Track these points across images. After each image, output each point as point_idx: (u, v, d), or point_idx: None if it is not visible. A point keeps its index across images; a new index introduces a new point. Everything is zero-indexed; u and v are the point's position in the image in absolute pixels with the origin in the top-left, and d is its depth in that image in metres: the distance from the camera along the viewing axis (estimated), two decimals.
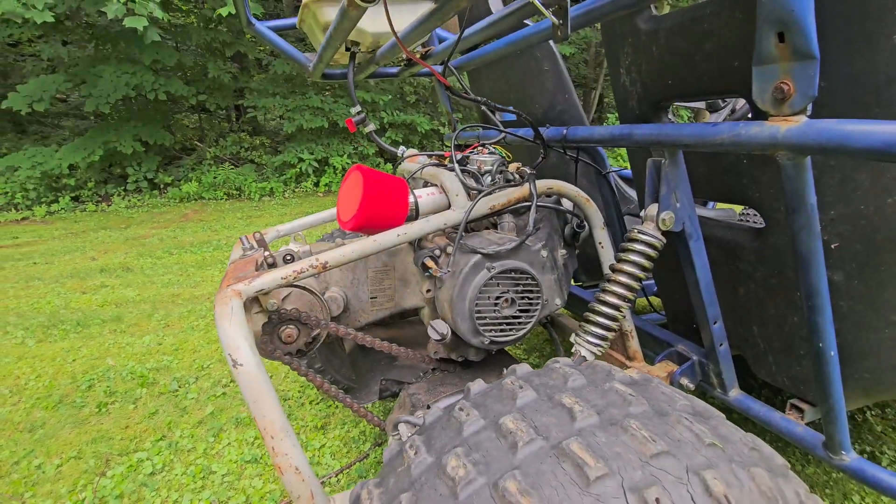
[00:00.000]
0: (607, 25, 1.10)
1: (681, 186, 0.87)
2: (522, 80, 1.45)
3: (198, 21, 7.66)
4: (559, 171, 1.47)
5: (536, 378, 0.66)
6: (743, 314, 1.02)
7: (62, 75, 6.76)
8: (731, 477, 0.50)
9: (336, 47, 1.00)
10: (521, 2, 0.81)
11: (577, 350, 0.95)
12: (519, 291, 1.00)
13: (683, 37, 0.88)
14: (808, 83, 0.59)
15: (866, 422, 1.56)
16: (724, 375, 1.02)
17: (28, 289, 3.53)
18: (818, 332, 0.75)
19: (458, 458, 0.54)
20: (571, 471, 0.49)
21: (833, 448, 0.85)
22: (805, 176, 0.65)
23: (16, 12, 4.82)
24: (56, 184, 6.84)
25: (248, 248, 1.03)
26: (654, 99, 1.02)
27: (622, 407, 0.57)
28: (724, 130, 0.70)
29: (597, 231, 1.09)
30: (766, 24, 0.59)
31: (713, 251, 1.01)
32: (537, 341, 2.24)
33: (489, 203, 1.00)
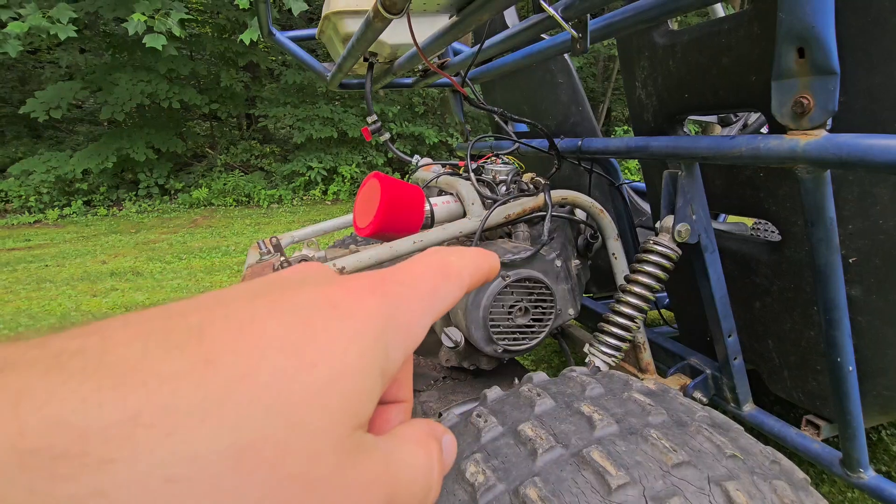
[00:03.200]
0: (623, 39, 1.12)
1: (697, 199, 0.87)
2: (537, 92, 1.47)
3: (212, 31, 7.81)
4: (572, 182, 1.48)
5: (553, 386, 0.66)
6: (758, 328, 1.01)
7: (79, 82, 6.89)
8: (753, 489, 0.49)
9: (357, 58, 1.02)
10: (540, 16, 0.83)
11: (592, 360, 0.95)
12: (533, 300, 1.00)
13: (701, 51, 0.89)
14: (829, 98, 0.59)
15: (881, 441, 1.54)
16: (738, 390, 1.01)
17: (39, 290, 3.57)
18: (836, 347, 0.74)
19: (477, 464, 0.55)
20: (592, 479, 0.49)
21: (851, 465, 0.84)
22: (824, 190, 0.65)
23: (42, 27, 4.95)
24: (69, 188, 6.94)
25: (264, 252, 1.05)
26: (669, 112, 1.03)
27: (641, 416, 0.57)
28: (743, 143, 0.71)
29: (610, 242, 1.09)
30: (786, 40, 0.60)
31: (728, 264, 1.01)
32: (546, 353, 2.23)
33: (504, 212, 1.00)
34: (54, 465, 0.11)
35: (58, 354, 0.13)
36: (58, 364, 0.13)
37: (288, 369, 0.15)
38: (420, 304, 0.20)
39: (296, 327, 0.16)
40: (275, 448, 0.14)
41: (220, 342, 0.15)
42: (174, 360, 0.14)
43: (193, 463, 0.13)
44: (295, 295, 0.17)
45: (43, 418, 0.12)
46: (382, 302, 0.18)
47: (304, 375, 0.15)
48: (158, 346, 0.14)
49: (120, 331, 0.14)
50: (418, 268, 0.21)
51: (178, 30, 5.51)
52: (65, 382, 0.12)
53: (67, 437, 0.12)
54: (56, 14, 5.01)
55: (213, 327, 0.15)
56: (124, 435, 0.12)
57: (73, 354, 0.13)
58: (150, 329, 0.15)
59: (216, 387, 0.14)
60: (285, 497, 0.14)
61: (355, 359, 0.16)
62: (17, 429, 0.11)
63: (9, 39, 4.94)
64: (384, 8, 0.69)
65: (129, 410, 0.12)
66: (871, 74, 0.70)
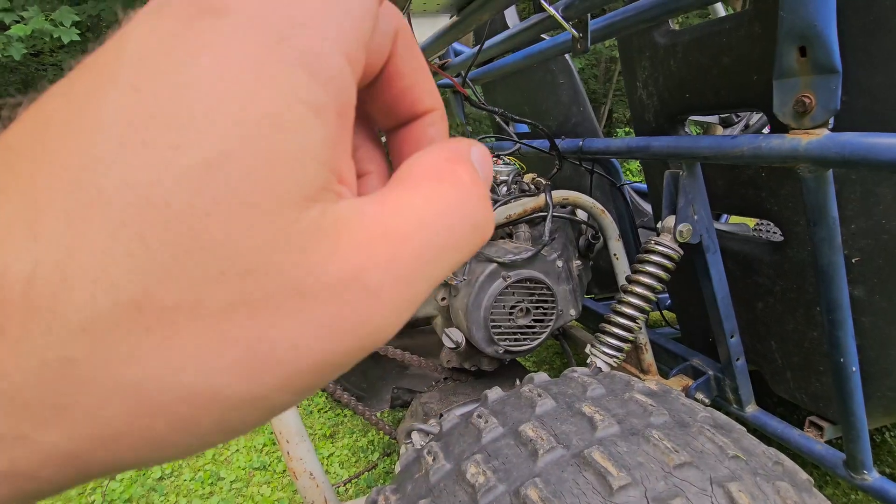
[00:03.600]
0: (624, 39, 1.12)
1: (699, 199, 0.87)
2: (538, 93, 1.47)
3: None
4: (573, 182, 1.48)
5: (555, 387, 0.66)
6: (760, 329, 1.01)
7: None
8: (756, 490, 0.49)
9: None
10: (541, 15, 0.83)
11: (593, 361, 0.94)
12: (534, 301, 0.99)
13: (702, 51, 0.89)
14: (830, 97, 0.59)
15: (885, 443, 1.53)
16: (740, 391, 1.01)
17: None
18: (839, 348, 0.74)
19: (477, 464, 0.54)
20: (594, 479, 0.48)
21: (854, 467, 0.84)
22: (827, 189, 0.65)
23: (45, 29, 4.96)
24: None
25: None
26: (671, 112, 1.03)
27: (643, 417, 0.57)
28: (745, 143, 0.70)
29: (612, 242, 1.09)
30: (787, 39, 0.60)
31: (730, 265, 1.00)
32: (547, 354, 2.22)
33: (505, 213, 1.00)
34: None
35: None
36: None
37: (148, 173, 0.10)
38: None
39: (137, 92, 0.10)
40: (181, 287, 0.10)
41: (26, 155, 0.10)
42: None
43: (85, 334, 0.10)
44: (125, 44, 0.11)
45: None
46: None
47: (175, 171, 0.10)
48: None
49: None
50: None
51: None
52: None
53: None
54: (58, 17, 5.03)
55: (23, 142, 0.11)
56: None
57: None
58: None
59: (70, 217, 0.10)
60: (239, 322, 0.11)
61: (245, 120, 0.10)
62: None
63: (12, 42, 4.96)
64: None
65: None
66: (872, 73, 0.70)
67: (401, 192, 0.13)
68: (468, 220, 0.14)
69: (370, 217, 0.12)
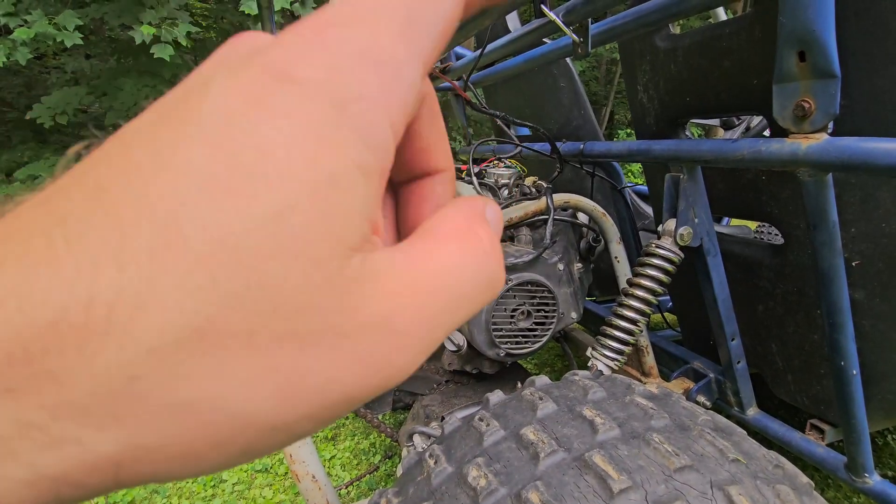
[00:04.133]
0: (625, 43, 1.12)
1: (699, 202, 0.87)
2: (539, 96, 1.47)
3: (216, 36, 7.86)
4: (574, 185, 1.48)
5: (556, 390, 0.66)
6: (761, 332, 1.01)
7: (84, 88, 6.94)
8: (756, 493, 0.49)
9: None
10: (542, 20, 0.83)
11: (594, 364, 0.95)
12: (535, 304, 1.00)
13: (702, 55, 0.89)
14: (830, 101, 0.59)
15: (887, 445, 1.53)
16: (741, 393, 1.01)
17: None
18: (840, 351, 0.74)
19: (479, 468, 0.55)
20: (595, 483, 0.49)
21: (855, 470, 0.84)
22: (827, 193, 0.65)
23: (48, 33, 4.99)
24: None
25: None
26: (671, 115, 1.03)
27: (644, 420, 0.57)
28: (745, 147, 0.71)
29: (613, 245, 1.09)
30: (787, 44, 0.60)
31: (731, 268, 1.00)
32: (548, 356, 2.22)
33: (506, 216, 1.00)
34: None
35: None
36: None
37: (217, 217, 0.11)
38: (390, 47, 0.13)
39: (213, 156, 0.12)
40: (240, 320, 0.11)
41: (121, 212, 0.11)
42: (73, 249, 0.11)
43: (150, 356, 0.11)
44: (203, 104, 0.12)
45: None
46: (322, 69, 0.13)
47: (244, 220, 0.11)
48: (51, 234, 0.11)
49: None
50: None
51: (185, 40, 5.56)
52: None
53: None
54: (62, 21, 5.06)
55: (113, 182, 0.12)
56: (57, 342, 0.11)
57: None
58: (58, 208, 0.12)
59: (145, 271, 0.11)
60: (284, 355, 0.12)
61: (306, 173, 0.12)
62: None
63: (17, 46, 4.99)
64: None
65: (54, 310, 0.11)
66: (872, 78, 0.70)
67: (427, 247, 0.15)
68: (484, 276, 0.15)
69: (400, 268, 0.14)
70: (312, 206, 0.12)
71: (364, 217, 0.13)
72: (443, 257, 0.15)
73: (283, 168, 0.12)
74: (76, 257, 0.11)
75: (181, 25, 5.55)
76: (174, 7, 5.72)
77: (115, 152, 0.12)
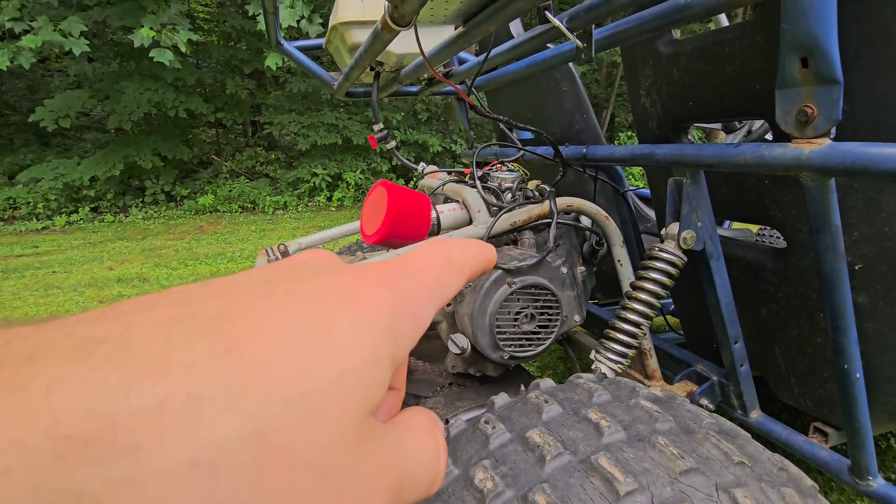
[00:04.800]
0: (627, 48, 1.13)
1: (702, 206, 0.88)
2: (541, 100, 1.48)
3: (218, 39, 7.89)
4: (577, 189, 1.49)
5: (561, 393, 0.66)
6: (764, 335, 1.01)
7: (87, 91, 6.97)
8: (762, 496, 0.50)
9: (364, 67, 1.04)
10: (545, 26, 0.84)
11: (598, 367, 0.95)
12: (539, 307, 1.00)
13: (705, 60, 0.90)
14: (832, 107, 0.60)
15: (891, 448, 1.53)
16: (744, 397, 1.01)
17: (47, 297, 3.60)
18: (843, 354, 0.75)
19: (485, 470, 0.55)
20: (601, 485, 0.49)
21: (859, 473, 0.84)
22: (829, 197, 0.66)
23: (55, 41, 5.02)
24: (76, 195, 7.00)
25: (272, 258, 1.06)
26: (674, 120, 1.04)
27: (649, 423, 0.58)
28: (748, 151, 0.71)
29: (615, 249, 1.10)
30: (789, 50, 0.61)
31: (734, 271, 1.01)
32: (551, 359, 2.23)
33: (510, 219, 1.01)
34: (86, 451, 0.12)
35: (83, 342, 0.13)
36: (85, 352, 0.13)
37: (305, 361, 0.15)
38: (426, 294, 0.21)
39: (311, 318, 0.16)
40: (293, 437, 0.15)
41: (240, 332, 0.15)
42: (197, 349, 0.14)
43: (217, 449, 0.13)
44: (308, 284, 0.18)
45: (74, 407, 0.12)
46: (391, 293, 0.19)
47: (321, 367, 0.16)
48: (181, 335, 0.14)
49: (142, 317, 0.15)
50: (424, 258, 0.22)
51: (184, 46, 5.58)
52: (93, 371, 0.13)
53: (98, 425, 0.12)
54: (67, 27, 5.08)
55: (232, 316, 0.15)
56: (151, 422, 0.13)
57: (99, 342, 0.13)
58: (172, 316, 0.15)
59: (237, 376, 0.14)
60: (302, 483, 0.15)
61: (368, 350, 0.17)
62: (51, 417, 0.12)
63: (22, 52, 5.01)
64: (393, 21, 0.71)
65: (156, 398, 0.13)
66: (875, 83, 0.71)
67: (405, 433, 0.21)
68: (434, 471, 0.21)
69: (390, 440, 0.19)
70: (366, 373, 0.17)
71: (382, 392, 0.18)
72: (414, 443, 0.20)
73: (356, 343, 0.17)
74: (186, 359, 0.14)
75: (182, 32, 5.58)
76: (175, 13, 5.74)
77: (228, 287, 0.18)
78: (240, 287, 0.17)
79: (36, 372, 0.12)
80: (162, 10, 5.68)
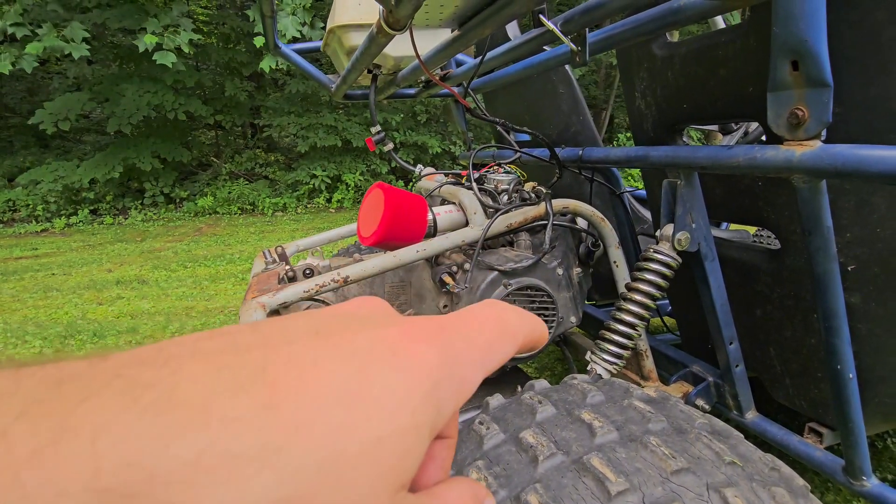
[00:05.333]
0: (623, 51, 1.13)
1: (696, 207, 0.88)
2: (538, 102, 1.49)
3: (217, 41, 7.90)
4: (573, 190, 1.49)
5: (555, 393, 0.67)
6: (759, 336, 1.02)
7: (87, 93, 6.97)
8: (752, 495, 0.50)
9: (361, 70, 1.05)
10: (540, 29, 0.84)
11: (593, 368, 0.95)
12: (535, 308, 1.01)
13: (699, 63, 0.91)
14: (823, 109, 0.60)
15: (887, 449, 1.53)
16: (740, 397, 1.01)
17: (46, 299, 3.60)
18: (836, 355, 0.75)
19: (479, 470, 0.55)
20: (592, 485, 0.50)
21: (853, 473, 0.84)
22: (821, 199, 0.66)
23: (57, 46, 5.03)
24: (76, 197, 7.01)
25: (270, 261, 1.06)
26: (669, 122, 1.04)
27: (641, 423, 0.58)
28: (740, 153, 0.72)
29: (611, 250, 1.10)
30: (780, 53, 0.61)
31: (729, 272, 1.01)
32: (549, 360, 2.23)
33: (506, 221, 1.02)
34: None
35: (132, 386, 0.14)
36: (133, 398, 0.13)
37: (344, 423, 0.15)
38: (476, 358, 0.20)
39: (354, 376, 0.16)
40: (321, 502, 0.14)
41: (283, 386, 0.15)
42: (239, 402, 0.14)
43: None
44: (356, 336, 0.18)
45: (117, 457, 0.12)
46: (440, 353, 0.18)
47: (358, 432, 0.15)
48: (226, 385, 0.14)
49: (189, 363, 0.15)
50: (478, 320, 0.21)
51: (187, 47, 5.60)
52: (139, 419, 0.13)
53: (137, 478, 0.12)
54: (69, 34, 5.10)
55: (276, 367, 0.15)
56: (187, 478, 0.13)
57: (147, 388, 0.14)
58: (219, 364, 0.15)
59: (275, 434, 0.14)
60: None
61: (408, 417, 0.17)
62: (94, 467, 0.12)
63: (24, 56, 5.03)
64: (387, 24, 0.71)
65: (193, 453, 0.13)
66: (867, 87, 0.71)
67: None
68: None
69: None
70: (401, 441, 0.16)
71: (417, 463, 0.17)
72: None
73: (396, 407, 0.16)
74: (228, 410, 0.14)
75: (183, 34, 5.60)
76: (177, 14, 5.76)
77: (280, 340, 0.17)
78: (287, 335, 0.17)
79: (85, 417, 0.13)
80: (164, 12, 5.70)
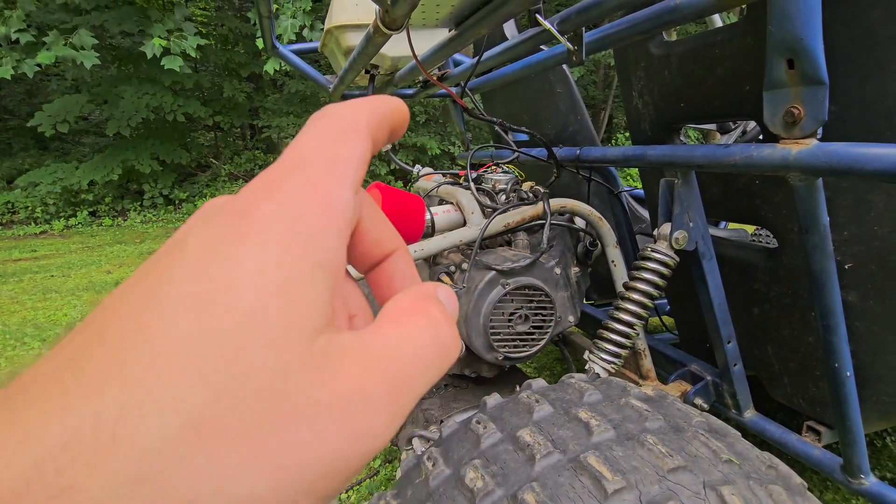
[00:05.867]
0: (620, 50, 1.13)
1: (694, 206, 0.89)
2: (536, 102, 1.49)
3: (216, 42, 7.90)
4: (571, 190, 1.49)
5: (552, 392, 0.67)
6: (757, 334, 1.02)
7: (85, 95, 6.97)
8: (749, 493, 0.50)
9: (358, 70, 1.05)
10: (537, 29, 0.84)
11: (591, 367, 0.95)
12: (533, 308, 1.01)
13: (695, 62, 0.91)
14: (818, 108, 0.60)
15: (886, 447, 1.53)
16: (738, 396, 1.01)
17: (45, 301, 3.60)
18: (834, 353, 0.75)
19: (476, 469, 0.55)
20: (589, 484, 0.50)
21: (851, 471, 0.84)
22: (817, 197, 0.66)
23: (67, 55, 5.04)
24: (75, 199, 7.00)
25: None
26: (666, 121, 1.04)
27: (638, 422, 0.58)
28: (737, 152, 0.72)
29: (609, 249, 1.10)
30: (776, 52, 0.61)
31: (726, 271, 1.01)
32: (548, 360, 2.23)
33: (504, 221, 1.02)
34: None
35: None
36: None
37: (203, 327, 0.14)
38: (323, 179, 0.18)
39: (202, 272, 0.15)
40: (229, 409, 0.13)
41: (115, 330, 0.14)
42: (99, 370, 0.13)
43: (155, 455, 0.13)
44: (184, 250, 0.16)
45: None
46: (275, 202, 0.16)
47: (223, 322, 0.14)
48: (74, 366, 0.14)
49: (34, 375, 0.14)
50: (304, 146, 0.19)
51: (193, 51, 5.62)
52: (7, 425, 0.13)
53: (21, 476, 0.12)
54: (77, 41, 5.11)
55: (109, 323, 0.14)
56: (74, 456, 0.12)
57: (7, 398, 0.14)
58: (65, 356, 0.14)
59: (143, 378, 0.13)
60: (271, 435, 0.14)
61: (270, 279, 0.15)
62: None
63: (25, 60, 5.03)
64: (384, 24, 0.71)
65: (67, 434, 0.12)
66: (864, 85, 0.71)
67: (388, 326, 0.18)
68: (439, 345, 0.18)
69: (366, 344, 0.16)
70: (280, 300, 0.15)
71: (326, 304, 0.16)
72: (402, 332, 0.17)
73: (253, 274, 0.15)
74: (84, 387, 0.13)
75: (191, 38, 5.61)
76: (179, 18, 5.77)
77: (109, 302, 0.16)
78: (111, 299, 0.16)
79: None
80: (167, 16, 5.71)
